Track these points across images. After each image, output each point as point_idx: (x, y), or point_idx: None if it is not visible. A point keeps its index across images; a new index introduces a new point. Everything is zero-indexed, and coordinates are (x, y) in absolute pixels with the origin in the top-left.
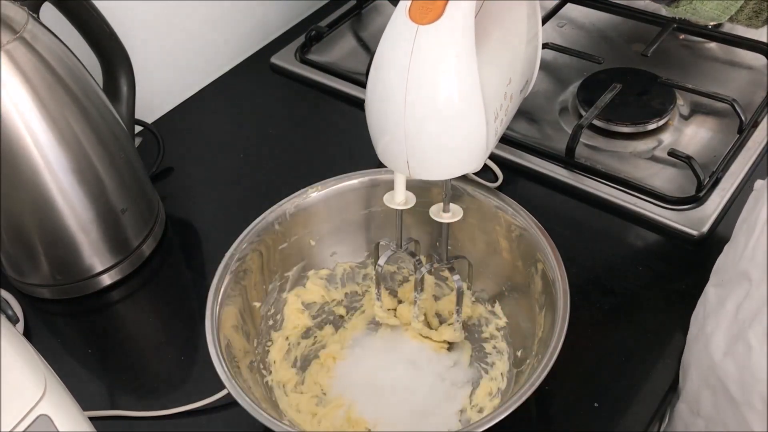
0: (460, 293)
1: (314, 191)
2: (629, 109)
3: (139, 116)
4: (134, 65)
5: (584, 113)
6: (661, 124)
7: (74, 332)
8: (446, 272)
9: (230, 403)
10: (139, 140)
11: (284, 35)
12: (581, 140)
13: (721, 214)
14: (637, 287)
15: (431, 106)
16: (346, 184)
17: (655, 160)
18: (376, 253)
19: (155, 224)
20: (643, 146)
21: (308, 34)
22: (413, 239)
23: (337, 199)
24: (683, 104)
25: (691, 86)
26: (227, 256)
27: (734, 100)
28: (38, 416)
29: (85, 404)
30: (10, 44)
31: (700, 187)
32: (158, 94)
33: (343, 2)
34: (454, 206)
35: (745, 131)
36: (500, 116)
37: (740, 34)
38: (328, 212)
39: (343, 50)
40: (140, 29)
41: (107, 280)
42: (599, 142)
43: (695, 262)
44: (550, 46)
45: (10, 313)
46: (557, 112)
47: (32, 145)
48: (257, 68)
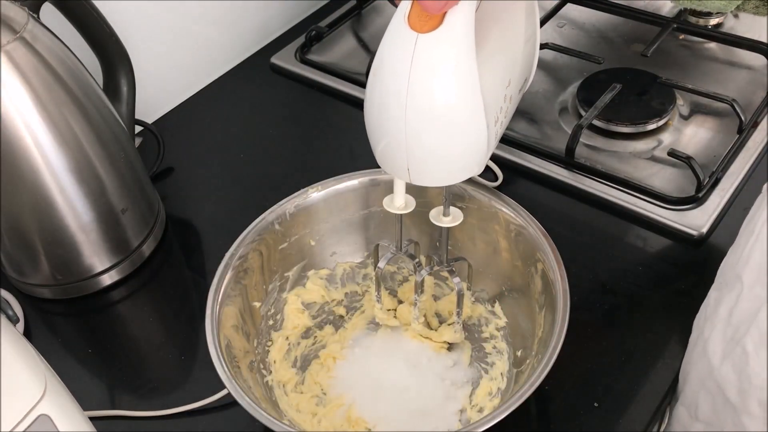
0: (460, 296)
1: (314, 191)
2: (629, 109)
3: (139, 116)
4: (134, 65)
5: (584, 113)
6: (660, 124)
7: (74, 332)
8: (446, 273)
9: (230, 403)
10: (139, 140)
11: (284, 35)
12: (581, 140)
13: (720, 214)
14: (636, 287)
15: (432, 114)
16: (346, 184)
17: (654, 160)
18: (375, 254)
19: (155, 224)
20: (642, 146)
21: (308, 34)
22: (413, 241)
23: (337, 199)
24: (683, 104)
25: (690, 86)
26: (227, 255)
27: (734, 100)
28: (38, 416)
29: (85, 404)
30: (10, 44)
31: (699, 187)
32: (158, 94)
33: (343, 2)
34: (454, 210)
35: (745, 131)
36: (500, 119)
37: (740, 34)
38: (328, 212)
39: (343, 50)
40: (140, 29)
41: (107, 280)
42: (599, 142)
43: (695, 262)
44: (550, 46)
45: (10, 313)
46: (557, 112)
47: (32, 145)
48: (257, 68)
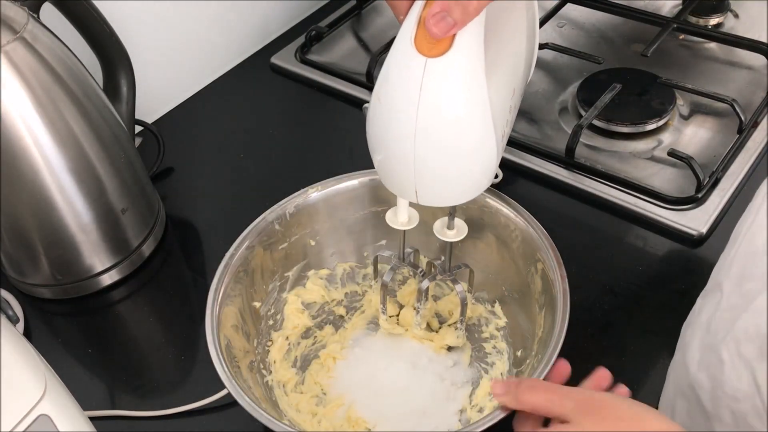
0: (464, 304)
1: (314, 191)
2: (629, 109)
3: (139, 116)
4: (134, 65)
5: (584, 113)
6: (660, 124)
7: (74, 332)
8: (450, 282)
9: (230, 403)
10: (139, 140)
11: (284, 35)
12: (581, 140)
13: (720, 214)
14: (636, 287)
15: (442, 139)
16: (346, 184)
17: (654, 160)
18: (375, 265)
19: (155, 224)
20: (642, 146)
21: (308, 34)
22: (414, 249)
23: (337, 199)
24: (683, 104)
25: (690, 86)
26: (227, 256)
27: (734, 100)
28: (38, 416)
29: (85, 404)
30: (10, 44)
31: (699, 187)
32: (158, 94)
33: (343, 2)
34: (459, 222)
35: (744, 131)
36: (506, 132)
37: (740, 34)
38: (328, 212)
39: (343, 50)
40: (140, 29)
41: (107, 280)
42: (599, 142)
43: (695, 262)
44: (550, 46)
45: (10, 313)
46: (557, 112)
47: (32, 145)
48: (257, 68)
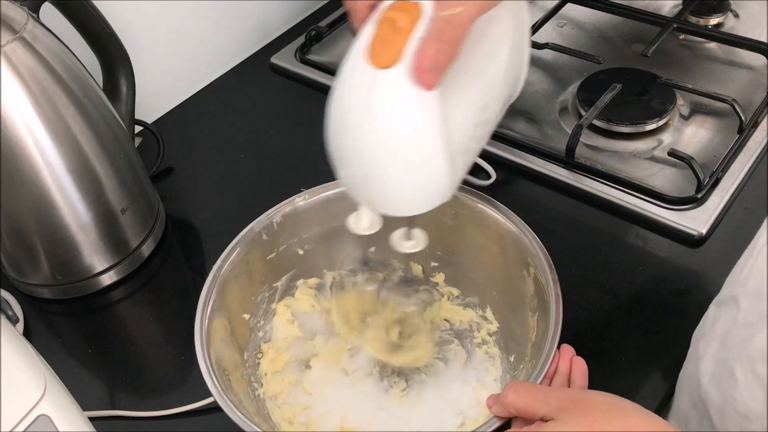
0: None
1: (301, 200)
2: (629, 109)
3: (139, 116)
4: (134, 65)
5: (584, 113)
6: (661, 124)
7: (74, 332)
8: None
9: None
10: (139, 140)
11: (284, 35)
12: (581, 140)
13: (721, 214)
14: (636, 287)
15: (389, 152)
16: (334, 191)
17: (654, 160)
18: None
19: (155, 224)
20: (643, 146)
21: (308, 34)
22: (370, 255)
23: (324, 207)
24: (683, 104)
25: (691, 86)
26: (215, 268)
27: (734, 100)
28: (38, 416)
29: (85, 404)
30: (10, 44)
31: (699, 187)
32: (158, 94)
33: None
34: (418, 232)
35: (745, 131)
36: (472, 147)
37: (740, 34)
38: (316, 220)
39: (343, 50)
40: (140, 29)
41: (107, 280)
42: (599, 142)
43: (695, 262)
44: (550, 46)
45: (10, 313)
46: (557, 112)
47: (32, 145)
48: (257, 68)
